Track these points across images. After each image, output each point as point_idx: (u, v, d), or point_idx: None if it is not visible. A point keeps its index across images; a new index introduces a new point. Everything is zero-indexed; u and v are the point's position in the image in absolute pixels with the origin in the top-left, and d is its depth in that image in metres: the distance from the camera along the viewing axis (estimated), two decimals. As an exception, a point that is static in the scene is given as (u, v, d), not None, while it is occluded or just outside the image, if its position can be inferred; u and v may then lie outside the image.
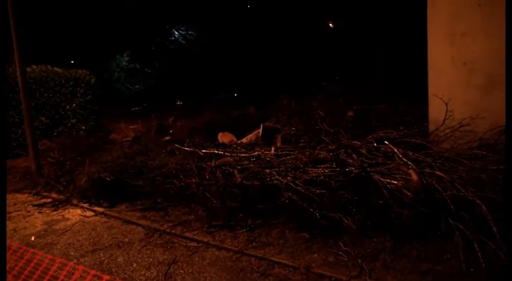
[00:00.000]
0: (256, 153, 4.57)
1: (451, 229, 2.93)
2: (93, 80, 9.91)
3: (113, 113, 12.34)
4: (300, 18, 15.56)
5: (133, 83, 23.11)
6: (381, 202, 3.27)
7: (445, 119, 4.34)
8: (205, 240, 3.55)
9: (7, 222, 4.35)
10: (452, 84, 4.71)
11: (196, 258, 3.26)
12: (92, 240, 3.81)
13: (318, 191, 3.51)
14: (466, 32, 4.59)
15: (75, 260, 3.34)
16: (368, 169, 3.49)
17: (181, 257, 3.28)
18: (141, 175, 4.77)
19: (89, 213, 4.64)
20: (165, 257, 3.31)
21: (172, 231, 3.81)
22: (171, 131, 7.40)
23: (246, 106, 9.24)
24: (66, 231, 4.11)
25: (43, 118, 8.79)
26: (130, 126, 8.35)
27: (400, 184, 3.30)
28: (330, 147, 4.23)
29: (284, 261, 3.03)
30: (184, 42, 22.65)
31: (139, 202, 4.70)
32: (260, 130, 6.16)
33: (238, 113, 8.53)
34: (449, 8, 4.71)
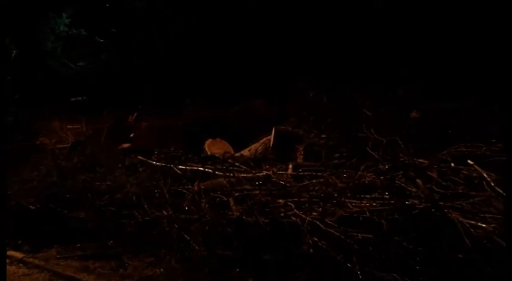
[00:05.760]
0: (265, 173, 4.57)
1: None
2: (13, 52, 9.99)
3: (43, 104, 12.42)
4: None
5: (76, 58, 23.26)
6: (460, 255, 3.25)
7: None
8: (180, 308, 3.54)
9: None
10: None
11: None
12: (3, 303, 3.81)
13: (360, 235, 3.50)
14: None
15: None
16: (441, 203, 3.48)
17: None
18: (83, 203, 4.78)
19: (0, 260, 4.65)
20: None
21: (130, 292, 3.81)
22: (132, 135, 7.44)
23: (251, 99, 9.15)
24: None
25: None
26: (69, 127, 8.39)
27: (491, 228, 3.28)
28: (381, 167, 4.23)
29: None
30: (156, -3, 22.83)
31: (78, 245, 4.71)
32: (271, 137, 6.17)
33: (238, 109, 8.47)
34: None
